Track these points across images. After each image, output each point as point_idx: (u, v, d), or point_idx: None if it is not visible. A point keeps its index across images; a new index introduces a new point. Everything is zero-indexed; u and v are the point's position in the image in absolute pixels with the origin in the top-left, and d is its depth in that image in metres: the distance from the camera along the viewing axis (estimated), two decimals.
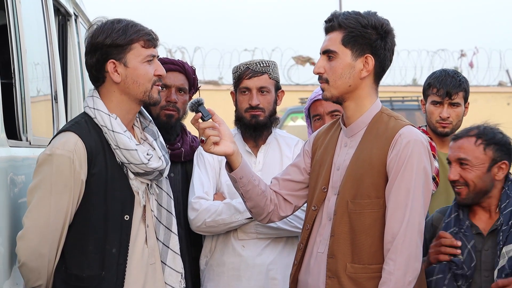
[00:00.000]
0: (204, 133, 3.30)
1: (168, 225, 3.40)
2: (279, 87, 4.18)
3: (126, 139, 3.23)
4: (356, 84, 3.31)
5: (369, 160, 3.26)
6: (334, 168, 3.35)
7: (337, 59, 3.28)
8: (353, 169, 3.28)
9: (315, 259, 3.35)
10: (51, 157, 3.17)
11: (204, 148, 3.31)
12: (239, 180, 3.40)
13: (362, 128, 3.33)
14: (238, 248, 4.06)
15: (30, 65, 3.85)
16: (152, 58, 3.29)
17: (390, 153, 3.24)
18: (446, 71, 4.44)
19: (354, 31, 3.27)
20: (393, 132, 3.27)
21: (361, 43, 3.28)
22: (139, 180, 3.30)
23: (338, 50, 3.28)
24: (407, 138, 3.24)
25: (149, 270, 3.32)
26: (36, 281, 3.22)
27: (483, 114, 18.64)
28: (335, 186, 3.33)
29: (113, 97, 3.29)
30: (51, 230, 3.17)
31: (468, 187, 3.49)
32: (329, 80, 3.29)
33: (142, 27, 3.29)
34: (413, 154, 3.22)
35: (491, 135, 3.52)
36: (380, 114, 3.34)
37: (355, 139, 3.33)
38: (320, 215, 3.36)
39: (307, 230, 3.39)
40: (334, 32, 3.30)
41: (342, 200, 3.28)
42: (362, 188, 3.26)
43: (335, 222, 3.29)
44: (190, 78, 4.22)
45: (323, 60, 3.31)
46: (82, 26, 5.89)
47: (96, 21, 3.31)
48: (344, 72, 3.28)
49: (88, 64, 3.31)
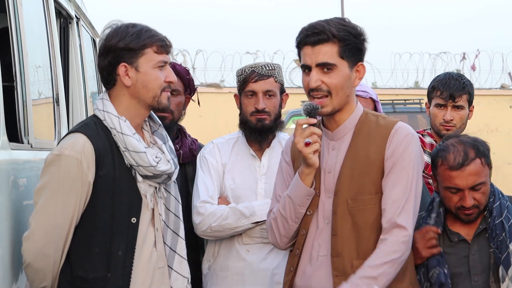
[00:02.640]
0: (312, 137, 3.23)
1: (176, 230, 3.40)
2: (283, 90, 4.17)
3: (135, 141, 3.23)
4: (351, 93, 3.34)
5: (366, 158, 3.29)
6: (325, 171, 3.35)
7: (337, 71, 3.27)
8: (349, 169, 3.30)
9: (316, 263, 3.34)
10: (59, 157, 3.18)
11: (305, 150, 3.23)
12: (309, 198, 3.33)
13: (350, 130, 3.35)
14: (242, 253, 4.05)
15: (32, 67, 3.84)
16: (164, 64, 3.30)
17: (388, 147, 3.28)
18: (450, 74, 4.44)
19: (350, 43, 3.27)
20: (387, 128, 3.31)
21: (355, 53, 3.30)
22: (147, 183, 3.30)
23: (337, 62, 3.26)
24: (405, 132, 3.31)
25: (157, 274, 3.32)
26: (41, 282, 3.22)
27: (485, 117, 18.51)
28: (328, 189, 3.33)
29: (123, 100, 3.29)
30: (57, 231, 3.17)
31: (479, 208, 3.46)
32: (332, 93, 3.27)
33: (156, 32, 3.31)
34: (411, 147, 3.28)
35: (482, 148, 3.48)
36: (365, 114, 3.37)
37: (343, 141, 3.34)
38: (315, 219, 3.36)
39: (302, 235, 3.38)
40: (327, 44, 3.26)
41: (340, 200, 3.29)
42: (363, 186, 3.28)
43: (336, 222, 3.29)
44: (183, 79, 4.21)
45: (318, 73, 3.27)
46: (83, 28, 5.89)
47: (111, 24, 3.33)
48: (345, 84, 3.29)
49: (100, 66, 3.32)
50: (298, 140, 3.23)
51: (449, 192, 3.44)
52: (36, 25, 4.17)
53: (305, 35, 3.29)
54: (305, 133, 3.23)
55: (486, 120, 18.62)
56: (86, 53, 5.93)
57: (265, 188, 4.08)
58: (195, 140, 4.39)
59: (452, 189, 3.42)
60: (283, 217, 3.37)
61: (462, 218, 3.47)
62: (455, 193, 3.43)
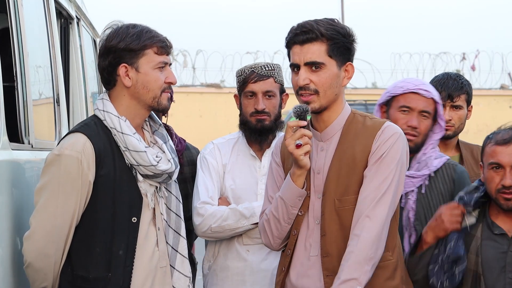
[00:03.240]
0: (303, 139, 3.24)
1: (177, 229, 3.41)
2: (283, 90, 4.18)
3: (135, 141, 3.24)
4: (339, 92, 3.35)
5: (352, 158, 3.30)
6: (314, 172, 3.36)
7: (325, 70, 3.29)
8: (336, 169, 3.31)
9: (308, 263, 3.36)
10: (59, 157, 3.18)
11: (296, 152, 3.25)
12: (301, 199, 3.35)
13: (338, 131, 3.36)
14: (242, 253, 4.05)
15: (32, 68, 3.85)
16: (164, 65, 3.31)
17: (373, 145, 3.29)
18: (448, 74, 4.44)
19: (338, 42, 3.29)
20: (374, 128, 3.32)
21: (343, 52, 3.32)
22: (147, 183, 3.31)
23: (325, 61, 3.28)
24: (392, 131, 3.31)
25: (159, 273, 3.33)
26: (42, 282, 3.23)
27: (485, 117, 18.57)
28: (318, 189, 3.35)
29: (123, 100, 3.30)
30: (58, 231, 3.18)
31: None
32: (319, 91, 3.29)
33: (157, 33, 3.31)
34: (396, 145, 3.28)
35: None
36: (353, 115, 3.38)
37: (332, 142, 3.36)
38: (306, 220, 3.37)
39: (294, 235, 3.39)
40: (315, 43, 3.28)
41: (328, 200, 3.31)
42: (348, 186, 3.29)
43: (324, 222, 3.31)
44: None
45: (306, 71, 3.29)
46: (84, 29, 5.90)
47: (111, 24, 3.33)
48: (333, 82, 3.30)
49: (100, 66, 3.33)
50: (289, 142, 3.25)
51: (492, 171, 3.50)
52: (37, 26, 4.17)
53: (294, 34, 3.31)
54: (296, 135, 3.24)
55: (486, 120, 18.63)
56: (86, 54, 5.93)
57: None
58: (183, 140, 4.38)
59: (495, 165, 3.49)
60: (276, 218, 3.38)
61: (502, 203, 3.49)
62: (497, 169, 3.49)
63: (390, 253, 3.33)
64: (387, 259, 3.32)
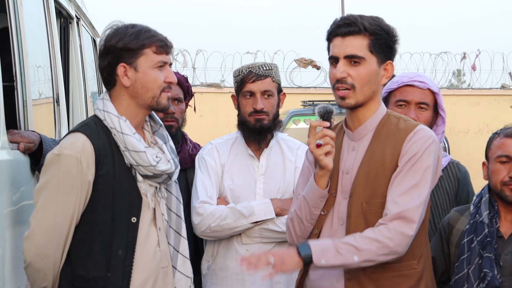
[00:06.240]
0: (324, 139, 3.23)
1: (178, 229, 3.41)
2: (281, 90, 4.18)
3: (135, 141, 3.24)
4: (377, 90, 3.30)
5: (382, 161, 3.24)
6: (342, 172, 3.32)
7: (365, 65, 3.23)
8: (365, 171, 3.26)
9: None
10: (59, 157, 3.18)
11: (316, 152, 3.23)
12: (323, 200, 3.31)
13: (370, 131, 3.31)
14: (242, 252, 4.05)
15: (32, 67, 3.84)
16: (163, 65, 3.30)
17: (403, 147, 3.22)
18: None
19: (381, 38, 3.24)
20: (406, 131, 3.26)
21: (385, 50, 3.27)
22: (147, 183, 3.31)
23: (366, 56, 3.23)
24: (424, 134, 3.23)
25: (160, 274, 3.33)
26: (42, 282, 3.23)
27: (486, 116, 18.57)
28: (345, 190, 3.30)
29: (123, 100, 3.30)
30: (57, 231, 3.18)
31: None
32: (356, 86, 3.23)
33: (156, 33, 3.31)
34: (428, 150, 3.21)
35: None
36: (387, 116, 3.33)
37: (363, 142, 3.31)
38: (329, 220, 3.33)
39: (315, 235, 3.35)
40: (357, 36, 3.23)
41: (355, 202, 3.26)
42: (376, 189, 3.23)
43: (350, 224, 3.25)
44: (183, 86, 4.27)
45: (345, 64, 3.24)
46: (84, 28, 5.90)
47: (112, 25, 3.33)
48: (371, 79, 3.24)
49: (100, 66, 3.33)
50: (310, 141, 3.23)
51: (499, 164, 3.52)
52: (36, 25, 4.17)
53: (336, 26, 3.26)
54: (318, 134, 3.22)
55: (486, 120, 18.60)
56: (86, 53, 5.93)
57: (263, 188, 4.08)
58: (197, 145, 4.41)
59: (503, 158, 3.51)
60: (299, 218, 3.36)
61: (507, 195, 3.49)
62: (505, 162, 3.51)
63: (416, 261, 3.25)
64: (413, 268, 3.25)
